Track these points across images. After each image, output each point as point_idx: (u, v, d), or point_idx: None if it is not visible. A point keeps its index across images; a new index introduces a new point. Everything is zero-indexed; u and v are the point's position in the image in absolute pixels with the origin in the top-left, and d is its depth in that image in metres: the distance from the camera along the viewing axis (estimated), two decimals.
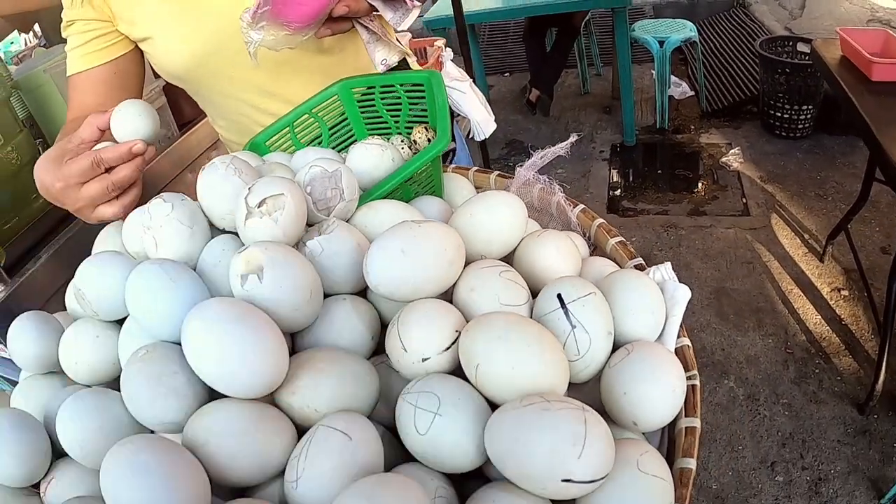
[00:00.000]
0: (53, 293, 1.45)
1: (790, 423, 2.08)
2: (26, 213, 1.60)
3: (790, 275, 2.62)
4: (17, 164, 1.59)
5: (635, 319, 0.60)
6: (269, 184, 0.59)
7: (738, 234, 2.92)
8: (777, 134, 3.56)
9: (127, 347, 0.62)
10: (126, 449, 0.46)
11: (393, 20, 0.82)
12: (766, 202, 3.09)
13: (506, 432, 0.46)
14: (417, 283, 0.56)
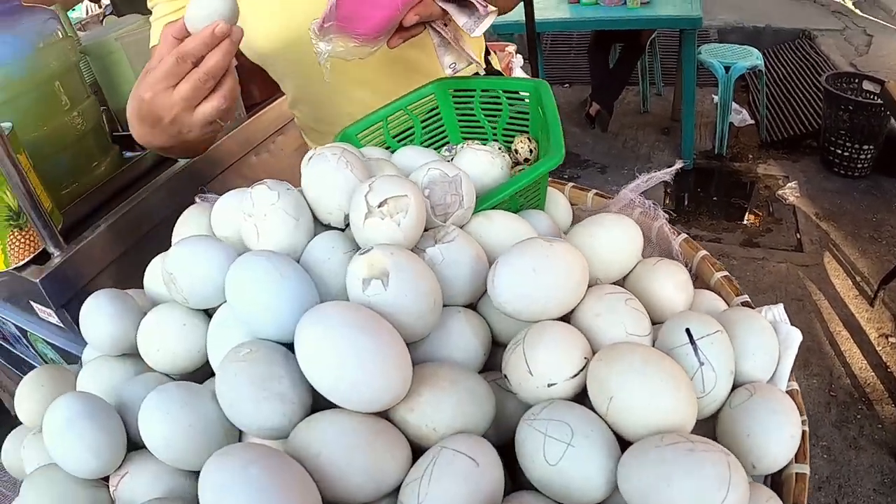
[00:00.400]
0: (107, 265, 1.45)
1: (828, 466, 2.04)
2: (86, 180, 1.61)
3: (839, 316, 2.58)
4: (82, 129, 1.59)
5: (753, 360, 0.58)
6: (391, 183, 0.56)
7: (790, 269, 2.87)
8: (835, 171, 3.50)
9: (218, 340, 0.60)
10: (234, 459, 0.43)
11: (466, 25, 0.79)
12: (820, 239, 3.04)
13: (647, 470, 0.43)
14: (546, 303, 0.54)
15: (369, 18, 0.74)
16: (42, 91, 1.52)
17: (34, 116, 1.50)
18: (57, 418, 0.55)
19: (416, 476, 0.45)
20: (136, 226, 1.49)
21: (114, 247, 1.45)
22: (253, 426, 0.50)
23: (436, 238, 0.59)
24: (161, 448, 0.52)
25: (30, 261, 1.38)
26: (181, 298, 0.62)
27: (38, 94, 1.51)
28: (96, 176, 1.62)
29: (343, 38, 0.74)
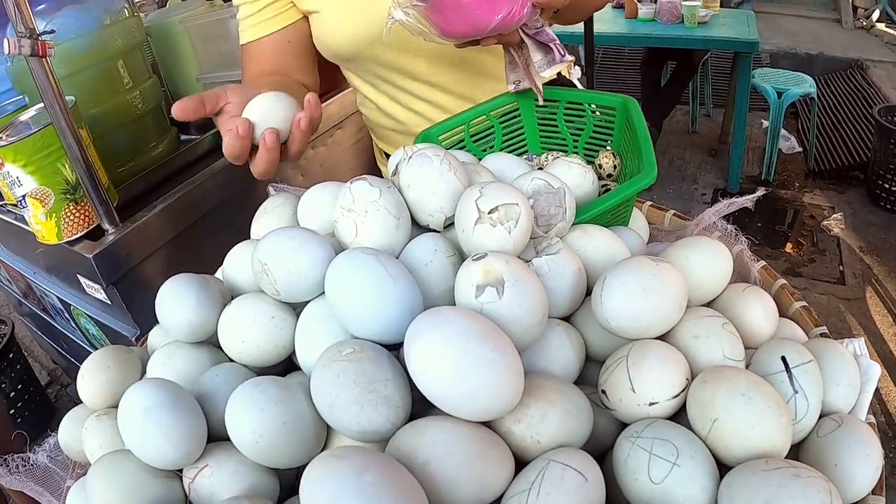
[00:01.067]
0: (160, 246, 1.48)
1: None
2: (142, 160, 1.64)
3: (878, 352, 2.58)
4: (141, 109, 1.62)
5: (837, 391, 0.59)
6: (502, 190, 0.57)
7: (831, 301, 2.86)
8: (881, 205, 3.48)
9: (308, 336, 0.60)
10: (348, 464, 0.42)
11: (539, 63, 0.81)
12: (863, 273, 3.02)
13: (753, 492, 0.44)
14: (650, 322, 0.54)
15: (455, 24, 0.75)
16: (105, 68, 1.55)
17: (96, 93, 1.53)
18: (136, 405, 0.54)
19: (522, 488, 0.46)
20: (191, 209, 1.52)
21: (168, 228, 1.48)
22: (354, 428, 0.50)
23: (538, 249, 0.60)
24: (249, 444, 0.51)
25: (82, 235, 1.40)
26: (272, 290, 0.62)
27: (101, 71, 1.54)
28: (153, 157, 1.65)
29: (422, 19, 0.76)
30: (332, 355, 0.51)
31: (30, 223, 1.39)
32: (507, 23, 0.74)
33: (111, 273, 1.39)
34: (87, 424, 0.66)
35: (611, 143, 0.89)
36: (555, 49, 0.80)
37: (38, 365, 3.05)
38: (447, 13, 0.74)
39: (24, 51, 1.19)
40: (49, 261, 1.68)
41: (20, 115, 1.47)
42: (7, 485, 0.69)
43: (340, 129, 1.92)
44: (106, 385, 0.69)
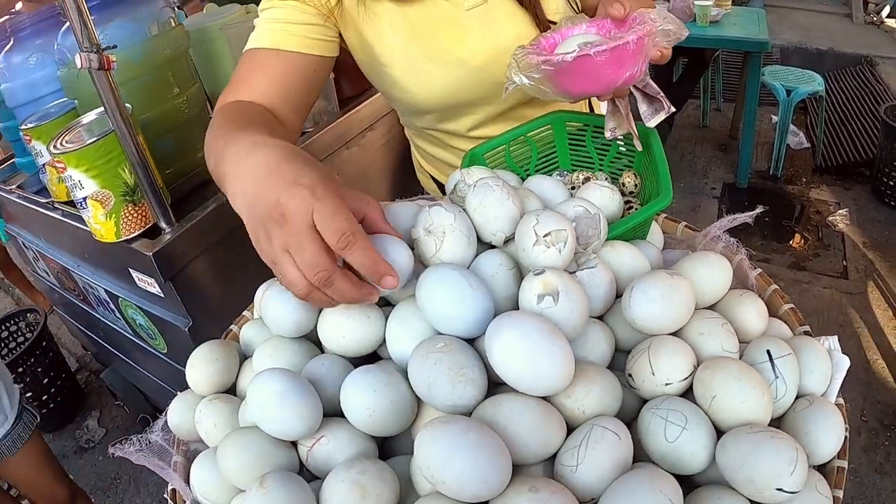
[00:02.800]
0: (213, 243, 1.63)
1: (853, 488, 2.23)
2: (188, 162, 1.79)
3: (877, 345, 2.76)
4: (187, 114, 1.77)
5: (812, 378, 0.77)
6: (553, 218, 0.75)
7: (833, 295, 3.04)
8: (886, 202, 3.66)
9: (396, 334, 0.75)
10: (455, 427, 0.59)
11: (645, 114, 0.94)
12: (866, 269, 3.20)
13: (740, 448, 0.62)
14: (667, 322, 0.74)
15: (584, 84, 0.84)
16: (155, 76, 1.71)
17: (147, 99, 1.68)
18: (271, 390, 0.68)
19: (574, 444, 0.65)
20: None
21: (220, 226, 1.64)
22: (447, 403, 0.66)
23: (578, 263, 0.78)
24: (364, 418, 0.68)
25: (139, 234, 1.57)
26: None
27: (152, 79, 1.70)
28: (198, 159, 1.81)
29: (545, 81, 0.84)
30: (429, 347, 0.69)
31: (89, 223, 1.55)
32: (631, 80, 0.84)
33: (168, 269, 1.56)
34: (201, 407, 0.81)
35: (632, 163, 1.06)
36: (662, 101, 0.93)
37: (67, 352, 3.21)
38: (576, 75, 0.82)
39: (92, 65, 1.34)
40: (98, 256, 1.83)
41: (77, 120, 1.62)
42: (136, 461, 0.82)
43: (372, 131, 2.08)
44: (215, 374, 0.85)
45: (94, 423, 2.91)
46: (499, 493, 0.59)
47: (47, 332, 2.74)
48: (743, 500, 0.63)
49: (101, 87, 1.37)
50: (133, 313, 1.89)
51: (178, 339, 1.74)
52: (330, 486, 0.64)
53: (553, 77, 0.83)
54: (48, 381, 2.72)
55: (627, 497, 0.59)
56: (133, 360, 2.29)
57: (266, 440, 0.71)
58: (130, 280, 1.71)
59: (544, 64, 0.82)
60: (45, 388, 2.72)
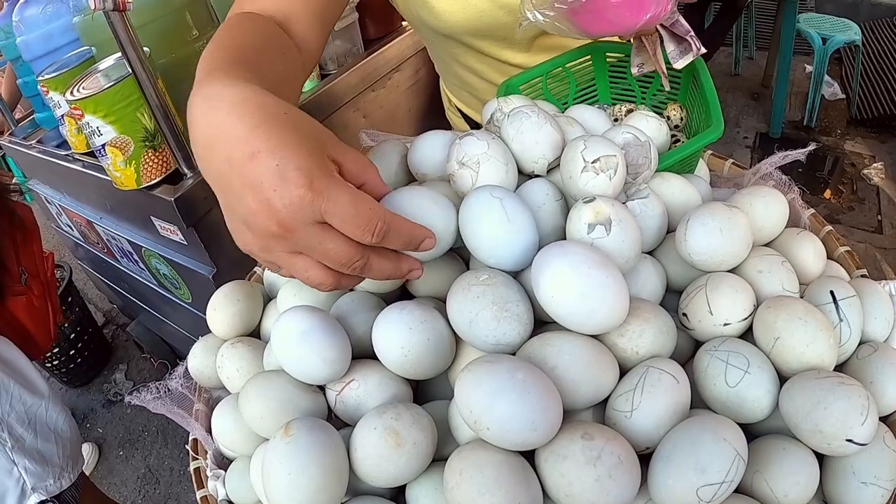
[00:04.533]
0: None
1: None
2: None
3: None
4: None
5: (875, 323, 0.71)
6: (602, 143, 0.68)
7: (868, 249, 2.95)
8: None
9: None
10: (503, 367, 0.54)
11: (672, 53, 0.87)
12: None
13: (808, 395, 0.56)
14: (725, 258, 0.67)
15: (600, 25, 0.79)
16: (172, 19, 1.65)
17: (165, 43, 1.63)
18: (293, 329, 0.63)
19: (628, 388, 0.59)
20: None
21: None
22: (490, 341, 0.60)
23: (628, 193, 0.72)
24: (397, 359, 0.62)
25: (160, 181, 1.53)
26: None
27: (169, 22, 1.64)
28: None
29: (562, 20, 0.78)
30: (471, 280, 0.63)
31: (108, 171, 1.51)
32: (653, 20, 0.77)
33: (190, 215, 1.52)
34: (223, 352, 0.77)
35: (677, 95, 0.99)
36: (691, 41, 0.86)
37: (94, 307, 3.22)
38: (590, 15, 0.77)
39: (107, 6, 1.28)
40: (120, 206, 1.81)
41: (94, 67, 1.57)
42: (153, 409, 0.77)
43: (398, 72, 2.01)
44: (237, 316, 0.80)
45: (121, 376, 2.91)
46: (549, 440, 0.54)
47: (73, 288, 2.73)
48: (808, 451, 0.58)
49: (117, 29, 1.32)
50: (157, 263, 1.87)
51: (203, 287, 1.71)
52: (362, 433, 0.59)
53: (569, 15, 0.77)
54: (75, 336, 2.72)
55: (689, 446, 0.53)
56: (159, 312, 2.28)
57: (291, 384, 0.66)
58: (153, 229, 1.69)
59: (557, 2, 0.75)
60: (73, 343, 2.73)
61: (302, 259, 0.54)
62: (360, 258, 0.54)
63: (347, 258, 0.53)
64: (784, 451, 0.58)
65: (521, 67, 1.14)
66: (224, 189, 0.54)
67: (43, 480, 1.41)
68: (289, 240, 0.52)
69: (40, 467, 1.42)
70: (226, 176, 0.52)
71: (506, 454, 0.54)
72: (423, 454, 0.59)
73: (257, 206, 0.50)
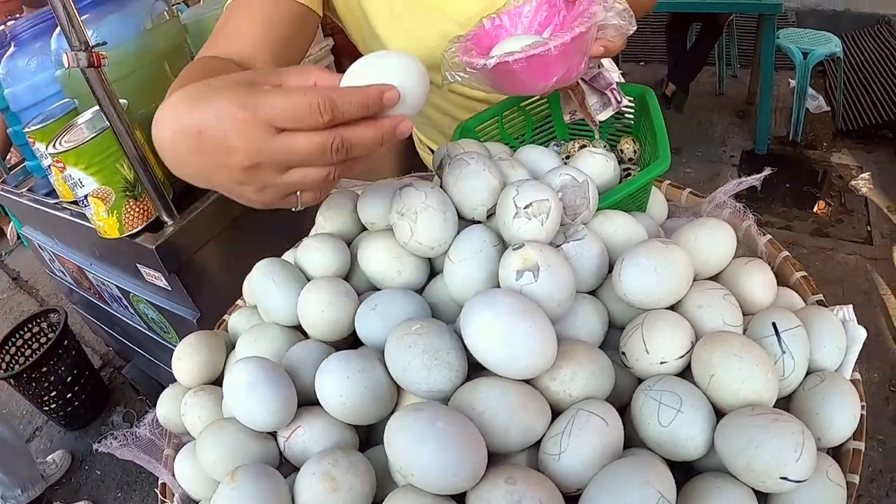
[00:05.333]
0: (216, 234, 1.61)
1: (882, 460, 2.14)
2: None
3: None
4: None
5: (824, 352, 0.70)
6: (534, 188, 0.69)
7: (858, 261, 2.93)
8: None
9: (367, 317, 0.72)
10: (423, 415, 0.55)
11: (594, 106, 0.89)
12: (891, 233, 3.09)
13: (741, 433, 0.56)
14: (661, 295, 0.67)
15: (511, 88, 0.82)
16: (152, 69, 1.68)
17: (144, 93, 1.66)
18: (240, 381, 0.66)
19: (557, 431, 0.59)
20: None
21: (221, 217, 1.62)
22: (423, 388, 0.62)
23: (567, 235, 0.72)
24: (337, 406, 0.64)
25: (142, 229, 1.54)
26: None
27: (148, 73, 1.67)
28: None
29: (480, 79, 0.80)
30: (405, 329, 0.64)
31: (92, 220, 1.53)
32: (564, 80, 0.79)
33: (172, 262, 1.54)
34: (186, 400, 0.79)
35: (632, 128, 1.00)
36: (611, 95, 0.87)
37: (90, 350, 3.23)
38: (500, 80, 0.80)
39: (80, 63, 1.31)
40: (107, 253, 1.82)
41: (75, 120, 1.60)
42: (121, 456, 0.79)
43: None
44: (200, 365, 0.82)
45: (118, 418, 2.91)
46: (472, 484, 0.55)
47: (69, 331, 2.74)
48: (744, 489, 0.57)
49: (93, 84, 1.35)
50: (144, 308, 1.88)
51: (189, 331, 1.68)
52: (302, 479, 0.61)
53: (483, 78, 0.80)
54: (72, 379, 2.73)
55: (612, 489, 0.53)
56: (151, 355, 2.29)
57: (243, 432, 0.68)
58: (139, 275, 1.70)
59: (469, 67, 0.79)
60: (70, 386, 2.73)
61: (291, 172, 0.56)
62: (333, 139, 0.54)
63: (320, 145, 0.54)
64: (718, 489, 0.57)
65: (481, 101, 1.16)
66: (205, 174, 0.57)
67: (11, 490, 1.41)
68: (265, 163, 0.54)
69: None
70: (199, 164, 0.56)
71: (434, 498, 0.55)
72: (359, 498, 0.60)
73: (226, 160, 0.54)
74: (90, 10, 1.58)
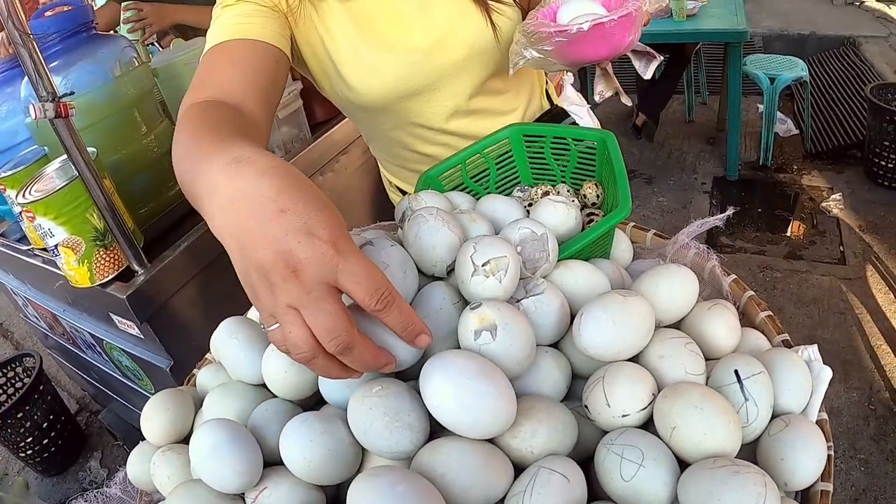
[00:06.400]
0: (187, 282, 1.60)
1: (865, 478, 2.15)
2: (161, 200, 1.76)
3: (881, 330, 2.68)
4: (157, 152, 1.74)
5: (789, 395, 0.70)
6: (492, 245, 0.69)
7: (832, 282, 2.96)
8: (880, 183, 3.59)
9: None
10: (383, 479, 0.55)
11: (640, 68, 0.97)
12: (864, 252, 3.13)
13: (702, 487, 0.56)
14: (621, 348, 0.67)
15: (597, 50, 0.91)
16: (121, 117, 1.67)
17: (114, 141, 1.65)
18: (205, 443, 0.66)
19: (518, 490, 0.59)
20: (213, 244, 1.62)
21: (192, 265, 1.60)
22: (384, 449, 0.62)
23: (526, 289, 0.72)
24: (301, 468, 0.64)
25: (113, 278, 1.53)
26: None
27: (118, 120, 1.66)
28: (170, 196, 1.77)
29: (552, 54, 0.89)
30: (365, 392, 0.64)
31: (63, 269, 1.52)
32: (632, 43, 0.91)
33: (144, 311, 1.52)
34: (155, 459, 0.78)
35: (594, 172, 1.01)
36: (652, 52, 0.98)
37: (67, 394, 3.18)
38: (588, 43, 0.88)
39: (48, 114, 1.30)
40: (80, 301, 1.80)
41: (45, 168, 1.59)
42: None
43: (346, 155, 2.04)
44: (168, 424, 0.81)
45: (96, 464, 2.86)
46: None
47: (44, 376, 2.70)
48: None
49: (61, 134, 1.34)
50: (118, 355, 1.86)
51: (162, 379, 1.70)
52: None
53: (564, 47, 0.88)
54: (48, 424, 2.68)
55: None
56: (127, 401, 2.26)
57: (210, 493, 0.67)
58: (112, 323, 1.68)
59: (558, 35, 0.87)
60: (46, 431, 2.68)
61: (294, 316, 0.54)
62: (346, 334, 0.54)
63: (335, 329, 0.53)
64: None
65: (446, 132, 1.20)
66: (243, 243, 0.55)
67: None
68: (295, 290, 0.53)
69: None
70: (248, 230, 0.54)
71: None
72: None
73: (276, 256, 0.52)
74: (59, 58, 1.58)
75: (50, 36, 1.59)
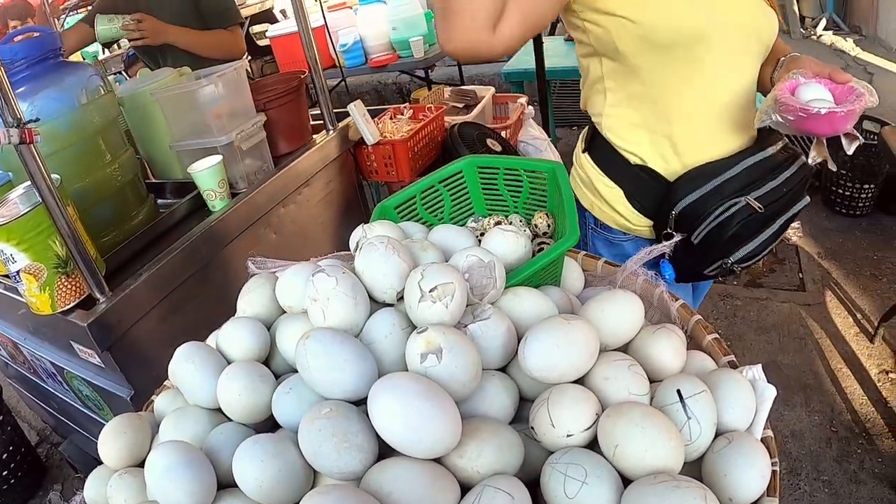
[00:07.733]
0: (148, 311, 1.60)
1: (829, 500, 2.18)
2: (125, 228, 1.76)
3: (840, 353, 2.72)
4: (121, 180, 1.75)
5: (733, 413, 0.73)
6: (439, 271, 0.72)
7: (792, 308, 3.02)
8: (837, 210, 3.66)
9: (283, 400, 0.74)
10: (332, 498, 0.58)
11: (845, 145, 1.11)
12: (822, 278, 3.19)
13: (642, 502, 0.58)
14: (565, 370, 0.70)
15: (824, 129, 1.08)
16: (86, 145, 1.68)
17: (78, 169, 1.66)
18: (158, 465, 0.68)
19: None
20: (175, 274, 1.64)
21: (154, 294, 1.60)
22: (334, 470, 0.64)
23: (474, 314, 0.75)
24: (254, 489, 0.65)
25: (75, 305, 1.53)
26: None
27: (83, 148, 1.67)
28: (134, 225, 1.78)
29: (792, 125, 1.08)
30: (314, 414, 0.66)
31: (24, 296, 1.51)
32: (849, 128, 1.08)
33: (105, 339, 1.51)
34: (112, 483, 0.79)
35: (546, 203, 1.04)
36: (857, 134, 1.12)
37: (27, 425, 3.13)
38: (818, 123, 1.06)
39: (12, 140, 1.31)
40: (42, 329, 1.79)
41: (9, 194, 1.58)
42: None
43: (308, 187, 2.06)
44: (124, 448, 0.83)
45: (56, 496, 2.81)
46: None
47: (4, 406, 2.66)
48: None
49: (25, 160, 1.35)
50: (79, 384, 1.84)
51: (124, 409, 1.68)
52: None
53: (801, 121, 1.07)
54: (7, 456, 2.64)
55: None
56: (87, 432, 2.23)
57: None
58: (73, 351, 1.67)
59: (801, 111, 1.05)
60: (5, 463, 2.64)
61: None
62: None
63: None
64: None
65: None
66: None
67: None
68: None
69: None
70: None
71: None
72: None
73: None
74: (25, 84, 1.59)
75: (17, 62, 1.60)
